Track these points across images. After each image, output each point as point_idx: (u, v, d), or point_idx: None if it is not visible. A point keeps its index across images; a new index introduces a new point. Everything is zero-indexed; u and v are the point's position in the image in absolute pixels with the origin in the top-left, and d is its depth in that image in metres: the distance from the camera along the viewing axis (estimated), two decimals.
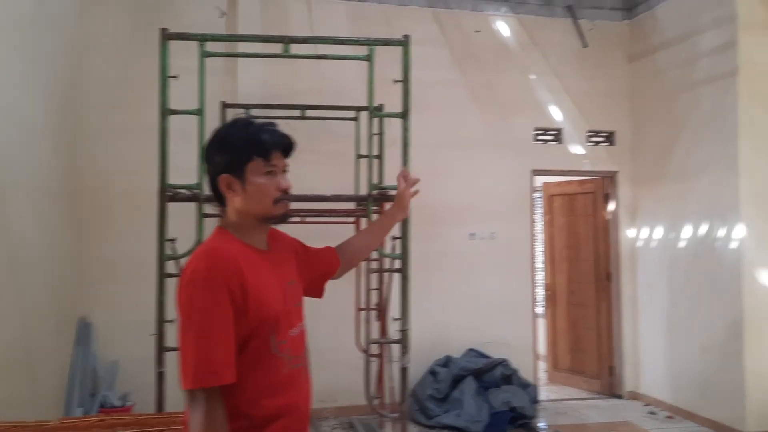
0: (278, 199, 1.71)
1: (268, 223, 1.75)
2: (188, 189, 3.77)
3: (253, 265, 1.65)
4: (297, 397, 1.70)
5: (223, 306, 1.55)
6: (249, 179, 1.69)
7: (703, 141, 5.72)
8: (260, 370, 1.63)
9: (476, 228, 6.36)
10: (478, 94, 6.43)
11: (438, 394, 5.65)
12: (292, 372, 1.69)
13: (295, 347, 1.72)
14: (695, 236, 5.78)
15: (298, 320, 1.77)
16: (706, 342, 5.61)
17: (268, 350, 1.64)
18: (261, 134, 1.71)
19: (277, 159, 1.72)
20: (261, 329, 1.62)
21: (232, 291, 1.56)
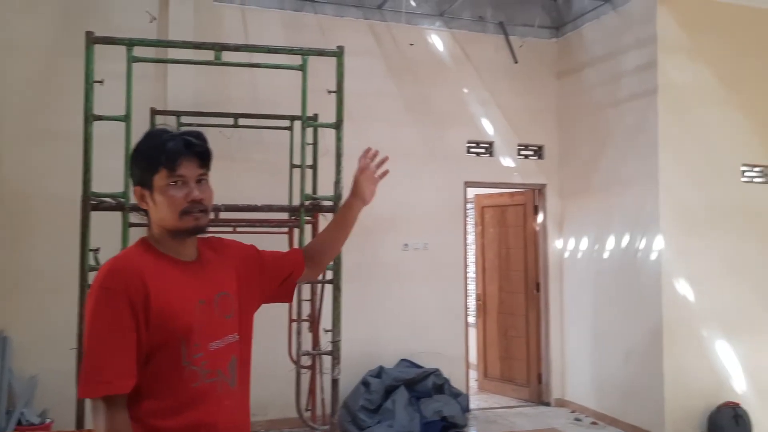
0: (184, 210, 1.63)
1: (179, 236, 1.67)
2: (113, 198, 3.66)
3: (162, 276, 1.62)
4: (211, 413, 1.63)
5: (121, 315, 1.53)
6: (155, 191, 1.65)
7: (626, 156, 5.96)
8: (168, 382, 1.59)
9: (410, 238, 6.41)
10: (412, 106, 6.50)
11: (370, 405, 5.65)
12: (206, 386, 1.63)
13: (214, 361, 1.65)
14: (618, 247, 6.01)
15: (226, 333, 1.70)
16: (629, 350, 5.83)
17: (178, 363, 1.59)
18: (167, 143, 1.64)
19: (186, 168, 1.65)
20: (168, 341, 1.58)
21: (132, 301, 1.54)
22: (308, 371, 5.40)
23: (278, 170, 5.66)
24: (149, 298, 1.56)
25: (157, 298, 1.57)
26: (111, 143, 4.26)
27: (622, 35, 6.04)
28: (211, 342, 1.65)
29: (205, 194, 1.68)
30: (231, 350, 1.71)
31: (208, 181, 1.72)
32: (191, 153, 1.66)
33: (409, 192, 6.42)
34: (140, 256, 1.64)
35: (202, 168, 1.68)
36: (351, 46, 4.51)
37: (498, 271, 7.32)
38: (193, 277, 1.68)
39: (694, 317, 5.51)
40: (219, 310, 1.70)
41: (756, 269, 5.71)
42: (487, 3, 6.78)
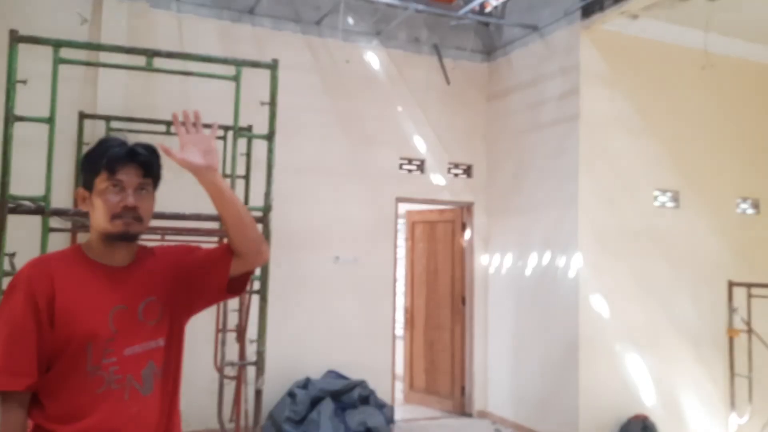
0: (116, 215, 1.66)
1: (110, 239, 1.69)
2: (33, 201, 3.57)
3: (76, 281, 1.63)
4: (113, 419, 1.62)
5: (22, 315, 1.56)
6: (95, 193, 1.68)
7: (547, 178, 6.24)
8: (70, 387, 1.60)
9: (340, 252, 6.48)
10: (345, 122, 6.60)
11: (295, 416, 5.65)
12: (111, 392, 1.62)
13: (126, 367, 1.65)
14: (539, 265, 6.26)
15: (147, 338, 1.69)
16: (546, 362, 6.06)
17: (82, 367, 1.60)
18: (111, 148, 1.68)
19: (126, 174, 1.67)
20: (71, 345, 1.59)
21: (36, 302, 1.57)
22: (233, 382, 5.37)
23: None
24: (54, 301, 1.58)
25: (62, 300, 1.59)
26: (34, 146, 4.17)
27: (548, 63, 6.33)
28: (127, 347, 1.65)
29: (142, 203, 1.69)
30: (149, 356, 1.69)
31: (151, 192, 1.75)
32: (134, 161, 1.68)
33: (340, 206, 6.50)
34: (60, 260, 1.66)
35: (145, 177, 1.71)
36: (287, 60, 4.58)
37: (426, 285, 7.47)
38: (116, 283, 1.68)
39: (607, 332, 5.79)
40: (143, 315, 1.69)
41: (665, 289, 6.06)
42: (423, 25, 6.99)
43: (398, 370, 7.09)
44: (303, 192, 6.30)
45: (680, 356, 6.07)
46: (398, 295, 7.09)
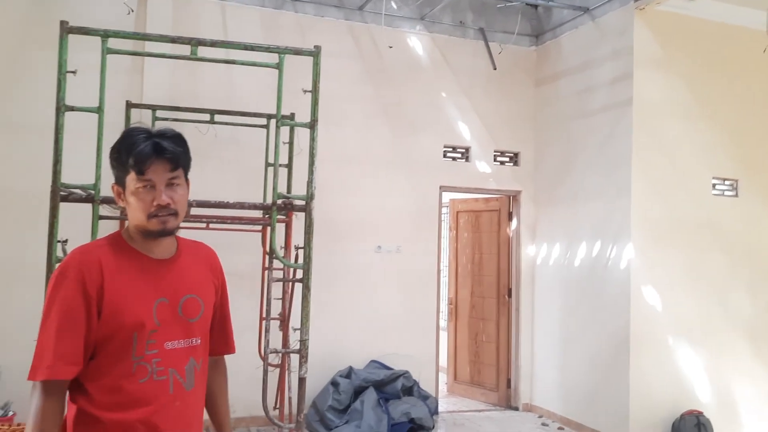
0: (152, 214, 1.65)
1: (149, 236, 1.68)
2: (83, 189, 3.62)
3: (122, 270, 1.64)
4: (155, 411, 1.62)
5: (73, 303, 1.56)
6: (127, 191, 1.67)
7: (598, 166, 6.04)
8: (114, 375, 1.60)
9: (383, 241, 6.43)
10: (388, 110, 6.52)
11: (339, 405, 5.65)
12: (154, 383, 1.63)
13: (168, 360, 1.65)
14: (589, 256, 6.08)
15: (188, 335, 1.70)
16: (595, 357, 5.90)
17: (128, 357, 1.61)
18: (134, 146, 1.64)
19: (155, 173, 1.64)
20: (117, 333, 1.59)
21: (86, 290, 1.57)
22: (277, 369, 5.40)
23: (253, 168, 5.66)
24: (103, 289, 1.58)
25: (111, 290, 1.59)
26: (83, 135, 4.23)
27: (599, 46, 6.12)
28: (167, 341, 1.65)
29: (175, 196, 1.67)
30: (190, 352, 1.71)
31: (183, 183, 1.72)
32: (161, 157, 1.65)
33: (383, 195, 6.45)
34: (105, 248, 1.66)
35: (174, 171, 1.68)
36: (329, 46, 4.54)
37: (470, 275, 7.37)
38: (159, 275, 1.69)
39: (660, 326, 5.60)
40: (183, 311, 1.70)
41: (721, 281, 5.82)
42: (468, 8, 6.84)
43: (442, 362, 7.02)
44: (345, 180, 6.27)
45: (736, 351, 5.83)
46: (442, 285, 7.01)
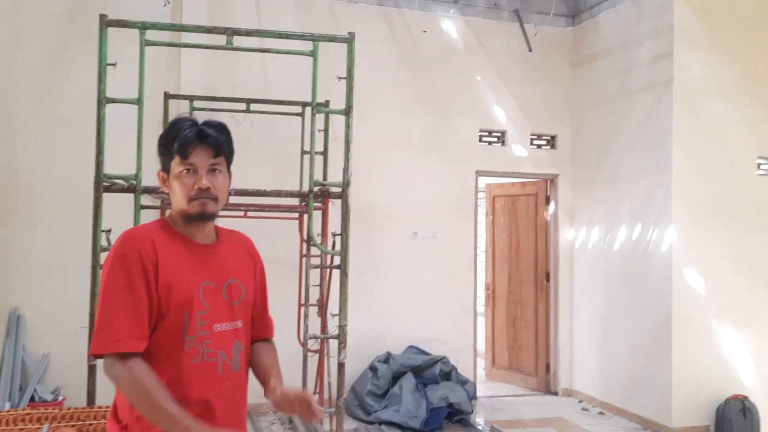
0: (192, 197, 1.71)
1: (190, 220, 1.75)
2: (125, 180, 3.70)
3: (172, 251, 1.70)
4: (208, 390, 1.68)
5: (133, 279, 1.62)
6: (171, 176, 1.74)
7: (637, 147, 5.92)
8: (168, 353, 1.66)
9: (419, 227, 6.42)
10: (423, 94, 6.49)
11: (377, 390, 5.70)
12: (206, 364, 1.68)
13: (218, 342, 1.71)
14: (629, 239, 5.98)
15: (232, 318, 1.76)
16: (636, 341, 5.82)
17: (179, 337, 1.66)
18: (179, 132, 1.72)
19: (197, 157, 1.72)
20: (171, 313, 1.65)
21: (145, 267, 1.63)
22: (316, 355, 5.46)
23: (289, 156, 5.70)
24: (158, 267, 1.65)
25: (164, 268, 1.66)
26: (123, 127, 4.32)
27: (638, 25, 5.97)
28: (216, 323, 1.71)
29: (216, 183, 1.73)
30: (236, 335, 1.76)
31: (225, 171, 1.78)
32: (204, 142, 1.72)
33: (418, 181, 6.43)
34: (156, 230, 1.73)
35: (216, 158, 1.74)
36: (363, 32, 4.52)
37: (508, 261, 7.32)
38: (204, 259, 1.75)
39: (703, 309, 5.49)
40: (227, 295, 1.76)
41: (766, 263, 5.66)
42: None
43: (479, 347, 7.01)
44: (381, 167, 6.27)
45: None
46: (479, 271, 6.98)
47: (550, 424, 5.73)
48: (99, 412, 3.17)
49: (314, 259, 4.89)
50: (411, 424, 5.30)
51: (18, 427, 2.92)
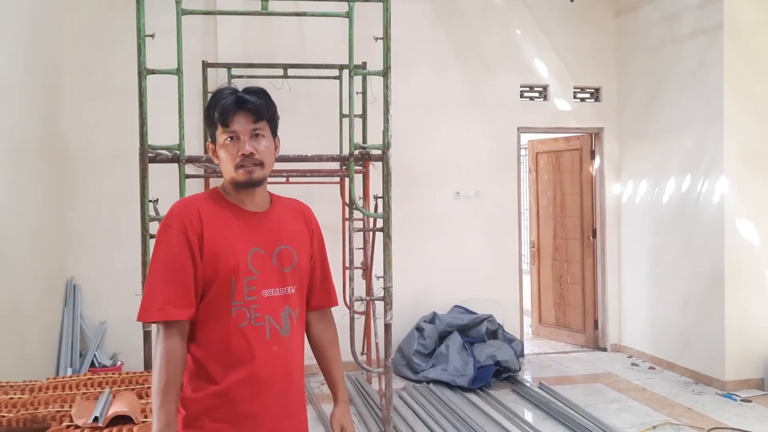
0: (238, 165, 1.73)
1: (239, 187, 1.77)
2: (169, 150, 3.76)
3: (220, 220, 1.73)
4: (254, 355, 1.70)
5: (179, 250, 1.67)
6: (218, 146, 1.77)
7: (687, 96, 5.71)
8: (216, 319, 1.70)
9: (461, 187, 6.38)
10: (461, 51, 6.36)
11: (424, 349, 5.75)
12: (253, 328, 1.71)
13: (265, 307, 1.73)
14: (678, 191, 5.82)
15: (283, 284, 1.77)
16: (688, 295, 5.71)
17: (227, 302, 1.70)
18: (219, 101, 1.73)
19: (239, 124, 1.73)
20: (218, 279, 1.69)
21: (189, 237, 1.67)
22: (362, 316, 5.53)
23: (328, 120, 5.69)
24: (203, 238, 1.69)
25: (209, 237, 1.69)
26: (163, 97, 4.37)
27: None
28: (264, 289, 1.73)
29: (259, 148, 1.74)
30: (285, 300, 1.78)
31: (268, 135, 1.78)
32: (243, 109, 1.73)
33: (459, 140, 6.36)
34: (204, 200, 1.77)
35: (257, 123, 1.75)
36: None
37: (552, 218, 7.22)
38: (254, 226, 1.77)
39: (757, 261, 5.34)
40: (278, 261, 1.77)
41: None
42: None
43: (525, 305, 6.99)
44: (421, 126, 6.22)
45: None
46: (523, 229, 6.92)
47: (599, 379, 5.71)
48: None
49: (357, 223, 4.92)
50: (459, 382, 5.36)
51: (81, 391, 3.05)
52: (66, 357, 5.03)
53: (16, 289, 4.23)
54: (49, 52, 5.24)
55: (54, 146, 5.24)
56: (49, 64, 5.23)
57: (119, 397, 2.76)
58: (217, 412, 1.65)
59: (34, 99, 4.83)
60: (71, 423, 2.55)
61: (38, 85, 4.93)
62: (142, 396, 2.95)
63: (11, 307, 4.15)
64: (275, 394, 1.73)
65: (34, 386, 3.15)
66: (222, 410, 1.65)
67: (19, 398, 2.94)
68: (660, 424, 4.53)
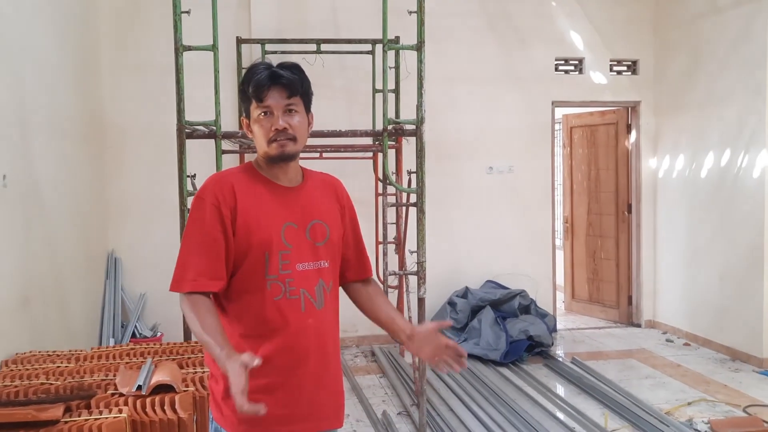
0: (271, 139, 1.74)
1: (272, 161, 1.78)
2: (205, 126, 3.81)
3: (253, 194, 1.75)
4: (290, 328, 1.72)
5: (211, 222, 1.68)
6: (252, 121, 1.79)
7: (727, 68, 5.56)
8: (250, 292, 1.72)
9: (494, 162, 6.34)
10: (496, 24, 6.28)
11: (456, 323, 5.79)
12: (288, 302, 1.73)
13: (300, 281, 1.75)
14: (717, 166, 5.70)
15: (316, 258, 1.79)
16: (725, 270, 5.62)
17: (261, 275, 1.71)
18: (253, 76, 1.74)
19: (272, 99, 1.73)
20: (251, 253, 1.71)
21: (221, 211, 1.69)
22: (395, 291, 5.58)
23: (361, 95, 5.69)
24: (236, 211, 1.70)
25: (243, 211, 1.71)
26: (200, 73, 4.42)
27: None
28: (298, 263, 1.75)
29: (292, 122, 1.75)
30: (319, 274, 1.79)
31: (302, 110, 1.79)
32: (277, 84, 1.73)
33: (493, 114, 6.31)
34: (238, 174, 1.79)
35: (291, 98, 1.75)
36: None
37: (587, 193, 7.14)
38: (287, 200, 1.79)
39: None
40: (311, 235, 1.79)
41: None
42: None
43: (558, 281, 6.96)
44: (454, 100, 6.18)
45: None
46: (556, 204, 6.86)
47: (633, 355, 5.68)
48: (195, 347, 3.38)
49: (390, 198, 4.94)
50: (491, 356, 5.38)
51: (124, 360, 3.16)
52: (108, 328, 5.19)
53: (60, 262, 4.36)
54: (88, 30, 5.32)
55: (94, 123, 5.35)
56: (88, 41, 5.31)
57: (161, 367, 2.84)
58: (253, 382, 1.64)
59: (75, 77, 4.92)
60: (116, 391, 2.65)
61: (78, 62, 5.01)
62: (183, 366, 3.04)
63: (56, 279, 4.29)
64: (311, 365, 1.76)
65: (80, 355, 3.28)
66: (258, 380, 1.66)
67: (66, 366, 3.06)
68: (695, 400, 4.50)
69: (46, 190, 4.14)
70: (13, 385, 2.75)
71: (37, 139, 3.99)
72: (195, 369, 3.01)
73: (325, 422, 1.82)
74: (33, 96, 3.98)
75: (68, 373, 2.94)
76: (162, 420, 2.43)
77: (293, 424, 1.74)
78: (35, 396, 2.57)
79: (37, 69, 4.07)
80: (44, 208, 4.09)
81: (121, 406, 2.45)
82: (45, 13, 4.31)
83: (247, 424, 1.69)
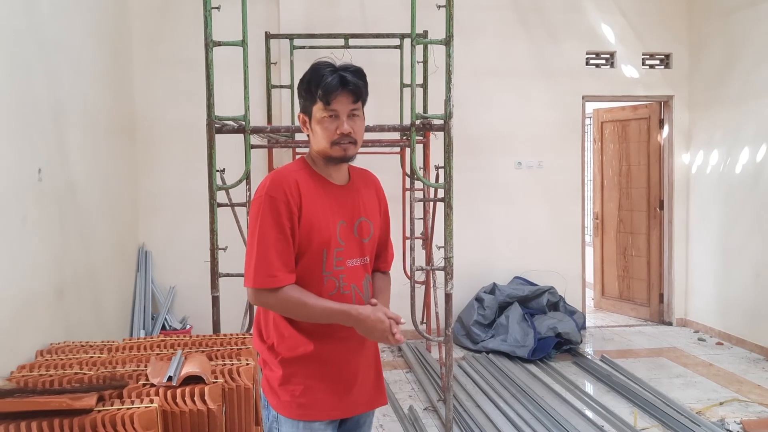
0: (334, 142, 1.80)
1: (330, 162, 1.85)
2: (234, 121, 3.84)
3: (312, 191, 1.81)
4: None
5: (281, 218, 1.75)
6: (313, 120, 1.84)
7: (765, 62, 5.43)
8: (309, 286, 1.80)
9: (523, 157, 6.28)
10: (526, 18, 6.21)
11: (484, 320, 5.76)
12: (342, 296, 1.82)
13: (351, 276, 1.85)
14: (752, 161, 5.58)
15: (363, 254, 1.90)
16: (760, 268, 5.50)
17: (318, 271, 1.81)
18: (323, 79, 1.79)
19: (340, 103, 1.79)
20: (311, 248, 1.79)
21: (289, 207, 1.75)
22: (422, 286, 5.57)
23: (389, 90, 5.68)
24: (302, 208, 1.77)
25: (306, 208, 1.78)
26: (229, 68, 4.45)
27: None
28: (350, 259, 1.85)
29: (355, 127, 1.83)
30: (365, 269, 1.91)
31: (362, 115, 1.87)
32: (345, 89, 1.80)
33: (522, 108, 6.25)
34: (298, 171, 1.85)
35: (355, 103, 1.83)
36: None
37: (617, 189, 7.04)
38: (339, 198, 1.87)
39: None
40: (358, 232, 1.89)
41: None
42: None
43: (588, 278, 6.87)
44: (483, 95, 6.13)
45: None
46: (586, 200, 6.77)
47: (664, 354, 5.59)
48: (224, 339, 3.41)
49: (417, 193, 4.93)
50: (519, 353, 5.35)
51: (155, 352, 3.21)
52: (139, 320, 5.28)
53: (92, 255, 4.44)
54: (120, 27, 5.40)
55: (125, 118, 5.43)
56: (120, 38, 5.39)
57: (191, 359, 2.88)
58: (310, 369, 1.80)
59: (108, 73, 5.00)
60: (147, 381, 2.69)
61: (111, 59, 5.09)
62: (212, 358, 3.08)
63: (89, 271, 4.37)
64: (362, 355, 1.89)
65: (112, 346, 3.33)
66: (314, 368, 1.80)
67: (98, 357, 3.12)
68: (727, 400, 4.42)
69: (80, 184, 4.21)
70: (48, 375, 2.81)
71: (71, 134, 4.06)
72: (224, 361, 3.04)
73: (375, 402, 1.97)
74: (67, 92, 4.05)
75: (101, 363, 2.99)
76: (192, 410, 2.46)
77: (347, 407, 1.87)
78: (69, 385, 2.62)
79: (71, 65, 4.14)
80: (78, 202, 4.17)
81: (153, 396, 2.49)
82: (79, 11, 4.38)
83: (304, 408, 1.80)
